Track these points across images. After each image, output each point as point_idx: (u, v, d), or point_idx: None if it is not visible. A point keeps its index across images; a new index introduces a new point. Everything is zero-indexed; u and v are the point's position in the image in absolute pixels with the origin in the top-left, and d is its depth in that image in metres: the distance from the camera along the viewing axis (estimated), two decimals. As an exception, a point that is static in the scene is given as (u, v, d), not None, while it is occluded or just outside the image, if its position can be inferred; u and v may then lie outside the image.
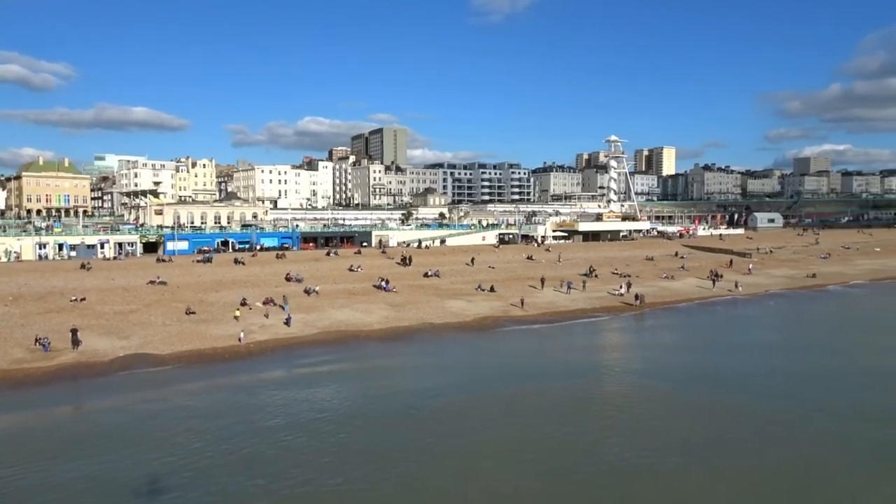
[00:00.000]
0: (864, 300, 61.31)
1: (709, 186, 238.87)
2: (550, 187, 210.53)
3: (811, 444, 23.47)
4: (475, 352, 39.54)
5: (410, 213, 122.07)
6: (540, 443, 23.69)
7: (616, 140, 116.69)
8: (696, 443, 23.52)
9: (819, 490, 19.88)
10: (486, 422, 26.06)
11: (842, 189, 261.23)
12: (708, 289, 61.32)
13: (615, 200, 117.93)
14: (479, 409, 27.77)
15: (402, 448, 23.23)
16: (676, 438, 23.96)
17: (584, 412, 27.25)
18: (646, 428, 25.18)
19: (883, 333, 45.09)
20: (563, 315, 49.83)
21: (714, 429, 25.06)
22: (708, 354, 38.82)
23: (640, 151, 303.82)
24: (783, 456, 22.17)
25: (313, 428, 25.19)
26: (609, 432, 24.78)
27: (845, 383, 31.35)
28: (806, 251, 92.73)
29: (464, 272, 64.29)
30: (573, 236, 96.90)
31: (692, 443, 23.51)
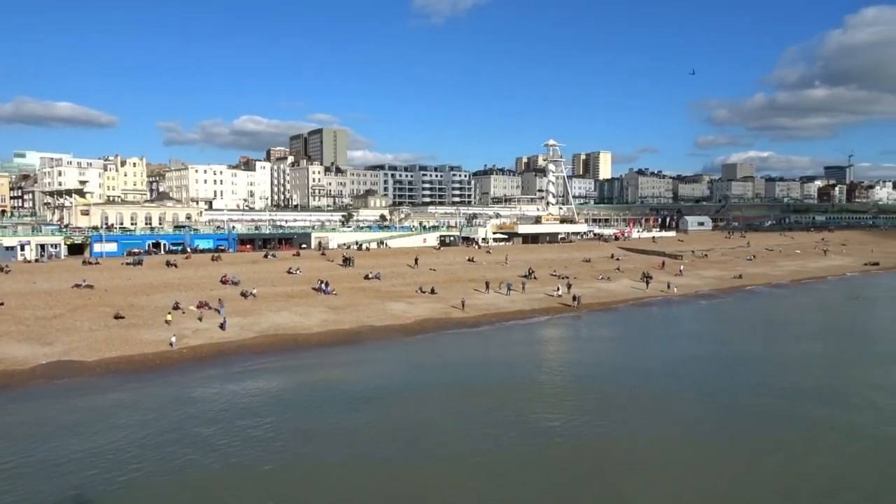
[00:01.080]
0: (785, 300, 64.51)
1: (643, 190, 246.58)
2: (491, 190, 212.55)
3: (727, 419, 24.57)
4: (415, 354, 39.44)
5: (351, 215, 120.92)
6: (480, 443, 23.82)
7: (554, 144, 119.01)
8: (630, 431, 24.22)
9: (719, 447, 20.90)
10: (423, 423, 26.02)
11: (765, 194, 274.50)
12: (642, 290, 63.19)
13: (554, 203, 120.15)
14: (417, 411, 27.73)
15: (340, 455, 22.93)
16: (616, 434, 24.60)
17: (524, 411, 27.55)
18: (586, 422, 25.73)
19: (797, 329, 47.65)
20: (504, 316, 50.33)
21: (639, 411, 25.93)
22: (641, 352, 39.98)
23: (577, 156, 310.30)
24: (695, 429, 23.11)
25: (248, 436, 24.54)
26: (549, 429, 25.17)
27: (757, 370, 33.09)
28: (733, 253, 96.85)
29: (405, 274, 64.11)
30: (513, 238, 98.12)
31: (626, 434, 24.19)
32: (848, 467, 22.01)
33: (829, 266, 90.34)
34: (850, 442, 24.11)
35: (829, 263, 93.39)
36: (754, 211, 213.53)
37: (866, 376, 33.88)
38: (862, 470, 21.81)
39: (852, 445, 23.80)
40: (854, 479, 21.08)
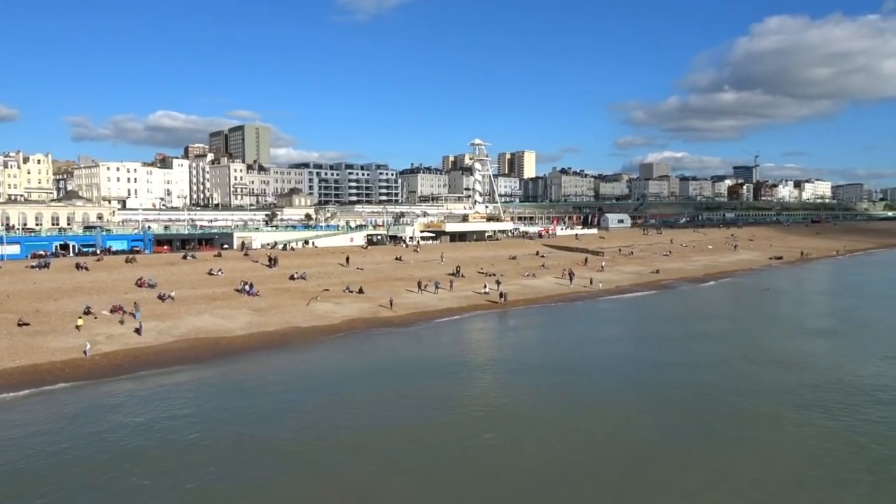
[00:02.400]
0: (700, 292, 67.80)
1: (566, 189, 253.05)
2: (418, 188, 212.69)
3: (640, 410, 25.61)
4: (343, 355, 38.94)
5: (275, 214, 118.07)
6: (406, 442, 23.77)
7: (480, 143, 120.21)
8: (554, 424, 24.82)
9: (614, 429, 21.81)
10: (349, 426, 25.72)
11: (680, 192, 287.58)
12: (567, 286, 64.82)
13: (480, 202, 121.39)
14: (345, 414, 27.37)
15: (268, 464, 22.32)
16: (545, 429, 25.11)
17: (453, 409, 27.70)
18: (510, 419, 26.13)
19: (712, 319, 50.20)
20: (432, 314, 50.45)
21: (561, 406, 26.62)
22: (566, 347, 41.02)
23: (503, 155, 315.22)
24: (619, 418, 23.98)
25: (169, 449, 23.52)
26: (474, 424, 25.39)
27: (679, 359, 34.52)
28: (651, 249, 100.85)
29: (331, 274, 63.16)
30: (441, 237, 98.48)
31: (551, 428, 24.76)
32: (774, 451, 23.29)
33: (738, 260, 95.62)
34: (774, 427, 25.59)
35: (738, 258, 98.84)
36: (670, 209, 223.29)
37: (777, 360, 36.03)
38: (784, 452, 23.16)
39: (777, 431, 25.25)
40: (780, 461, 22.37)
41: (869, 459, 22.01)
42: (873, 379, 32.28)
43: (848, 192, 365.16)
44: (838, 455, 22.45)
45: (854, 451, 22.69)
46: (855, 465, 21.59)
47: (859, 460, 21.92)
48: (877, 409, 27.36)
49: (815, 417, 26.28)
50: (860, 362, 36.11)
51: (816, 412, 26.89)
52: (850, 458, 22.12)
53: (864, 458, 22.14)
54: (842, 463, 21.75)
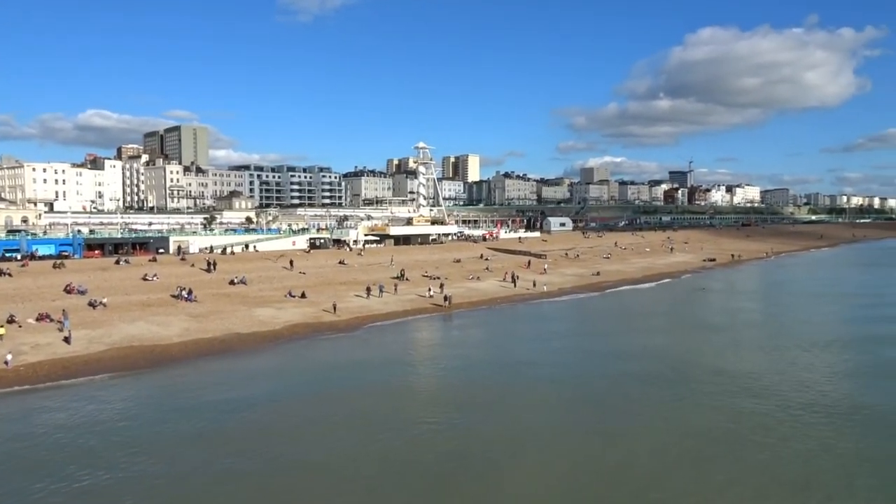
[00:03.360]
0: (639, 293, 69.68)
1: (509, 192, 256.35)
2: (362, 192, 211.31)
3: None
4: (285, 361, 38.17)
5: (214, 218, 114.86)
6: (351, 448, 23.48)
7: (424, 147, 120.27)
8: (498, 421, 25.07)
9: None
10: (292, 435, 25.24)
11: (619, 196, 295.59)
12: (510, 288, 65.51)
13: (425, 205, 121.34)
14: (287, 420, 26.85)
15: (198, 475, 21.65)
16: (487, 427, 25.27)
17: (398, 412, 27.52)
18: (457, 422, 26.16)
19: (652, 318, 51.71)
20: (376, 318, 50.10)
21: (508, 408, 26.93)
22: (509, 348, 41.36)
23: (447, 158, 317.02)
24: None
25: (100, 464, 22.48)
26: (418, 428, 25.32)
27: (619, 358, 35.43)
28: (591, 251, 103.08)
29: (273, 279, 61.91)
30: (385, 240, 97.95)
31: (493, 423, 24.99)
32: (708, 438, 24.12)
33: (674, 262, 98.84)
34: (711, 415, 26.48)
35: (674, 260, 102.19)
36: (610, 212, 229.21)
37: (712, 356, 37.37)
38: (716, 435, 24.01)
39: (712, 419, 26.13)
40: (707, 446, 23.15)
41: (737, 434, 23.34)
42: (774, 365, 33.96)
43: (775, 197, 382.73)
44: (739, 432, 24.17)
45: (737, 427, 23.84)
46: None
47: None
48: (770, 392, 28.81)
49: (718, 400, 27.45)
50: (767, 351, 37.89)
51: (723, 396, 28.08)
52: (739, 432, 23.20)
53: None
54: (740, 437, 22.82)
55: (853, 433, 24.91)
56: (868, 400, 29.36)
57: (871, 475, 21.19)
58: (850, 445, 23.67)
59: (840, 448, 23.38)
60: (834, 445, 23.59)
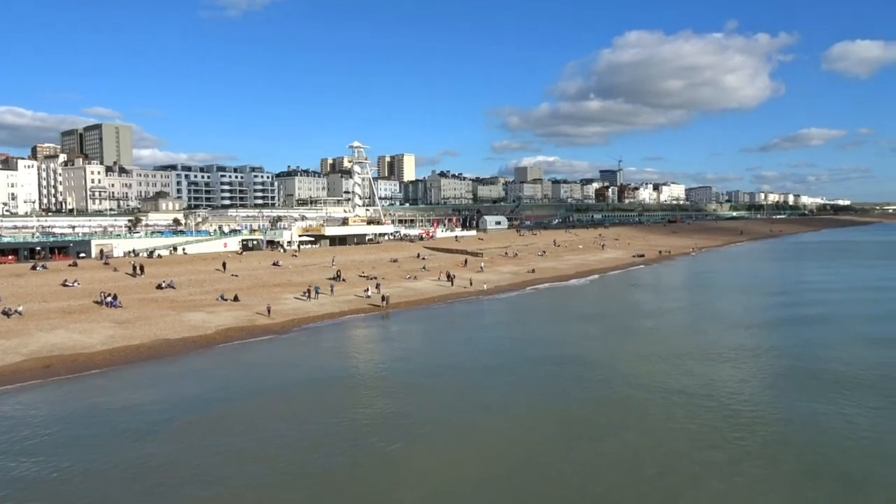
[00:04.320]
0: (574, 289, 71.24)
1: (445, 192, 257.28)
2: (296, 192, 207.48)
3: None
4: (217, 366, 37.01)
5: (139, 220, 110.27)
6: (287, 453, 23.02)
7: (359, 146, 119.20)
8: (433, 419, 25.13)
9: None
10: (224, 442, 24.54)
11: (552, 195, 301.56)
12: (447, 287, 65.78)
13: (360, 205, 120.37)
14: (218, 427, 26.07)
15: (118, 485, 20.76)
16: (428, 425, 25.29)
17: (336, 413, 27.16)
18: (393, 415, 26.06)
19: (587, 314, 53.02)
20: (312, 320, 49.34)
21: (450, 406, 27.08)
22: (447, 346, 41.53)
23: (382, 158, 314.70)
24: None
25: (17, 484, 21.22)
26: (356, 427, 25.09)
27: (554, 351, 36.14)
28: (527, 249, 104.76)
29: (204, 282, 60.02)
30: (320, 241, 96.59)
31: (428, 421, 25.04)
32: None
33: (606, 259, 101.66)
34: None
35: (606, 256, 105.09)
36: (544, 210, 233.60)
37: (645, 349, 38.63)
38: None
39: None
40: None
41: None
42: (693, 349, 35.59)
43: (699, 195, 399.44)
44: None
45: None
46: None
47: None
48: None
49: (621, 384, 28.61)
50: (688, 339, 39.67)
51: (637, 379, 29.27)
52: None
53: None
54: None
55: (741, 411, 26.32)
56: (754, 373, 31.40)
57: (717, 448, 22.36)
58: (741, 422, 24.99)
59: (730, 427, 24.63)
60: (723, 427, 24.82)
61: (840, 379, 31.46)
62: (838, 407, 27.18)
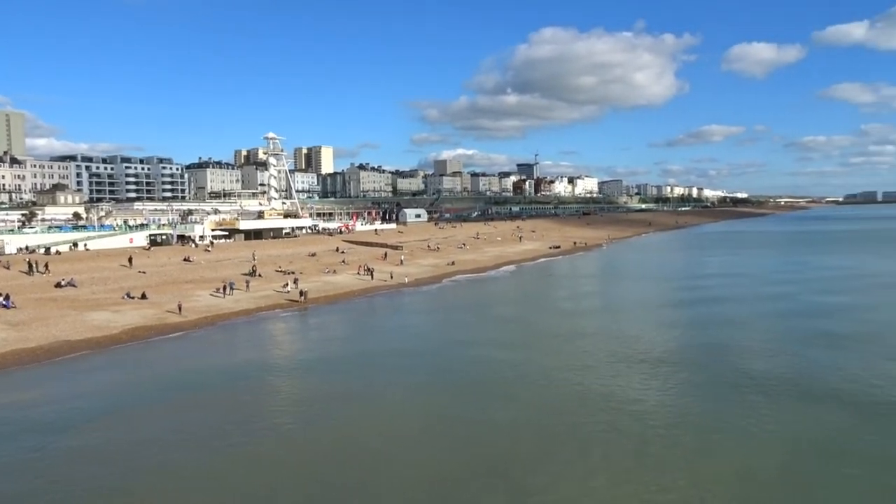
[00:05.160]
0: (493, 280, 72.38)
1: (364, 184, 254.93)
2: (208, 184, 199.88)
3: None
4: (123, 366, 35.10)
5: (35, 214, 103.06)
6: (203, 455, 22.20)
7: (274, 137, 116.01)
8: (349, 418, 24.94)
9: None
10: (129, 446, 23.38)
11: (471, 188, 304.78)
12: (367, 281, 65.25)
13: (276, 198, 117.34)
14: (122, 429, 24.78)
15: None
16: (347, 422, 24.99)
17: (250, 412, 26.40)
18: (308, 418, 25.63)
19: (507, 303, 54.02)
20: (227, 317, 47.74)
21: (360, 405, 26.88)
22: (367, 341, 41.13)
23: (299, 150, 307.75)
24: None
25: None
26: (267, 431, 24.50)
27: (477, 342, 36.62)
28: (447, 242, 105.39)
29: (108, 279, 56.77)
30: (234, 235, 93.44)
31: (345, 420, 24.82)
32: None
33: (524, 250, 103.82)
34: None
35: (524, 248, 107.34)
36: (463, 203, 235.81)
37: (552, 333, 39.75)
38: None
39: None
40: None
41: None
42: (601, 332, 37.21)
43: (611, 188, 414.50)
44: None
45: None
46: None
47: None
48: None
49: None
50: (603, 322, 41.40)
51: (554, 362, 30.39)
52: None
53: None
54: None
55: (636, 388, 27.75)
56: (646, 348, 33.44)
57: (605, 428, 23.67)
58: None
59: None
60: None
61: (731, 345, 34.55)
62: (728, 364, 30.90)
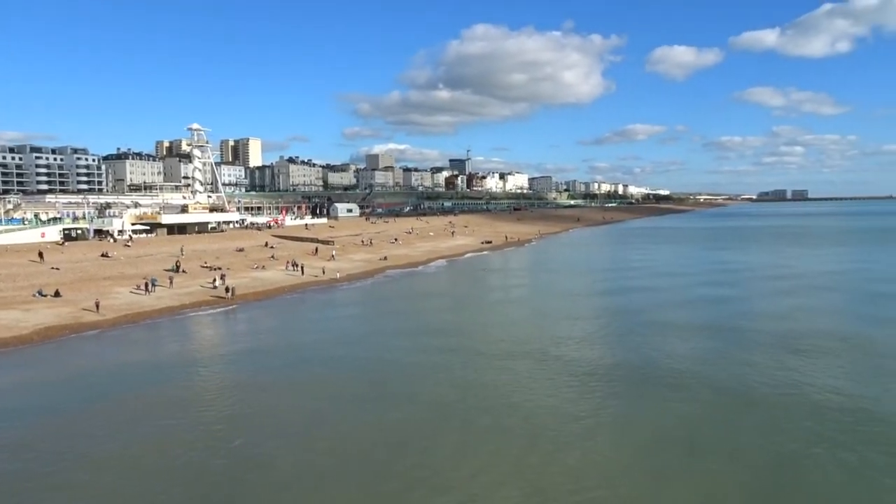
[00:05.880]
0: (425, 276, 72.44)
1: (294, 178, 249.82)
2: (127, 177, 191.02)
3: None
4: (31, 370, 32.99)
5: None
6: (125, 458, 21.17)
7: (199, 128, 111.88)
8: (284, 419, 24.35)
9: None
10: (44, 456, 22.07)
11: (404, 183, 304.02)
12: (298, 276, 63.97)
13: (202, 191, 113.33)
14: (34, 437, 23.37)
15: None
16: (270, 419, 24.39)
17: (175, 415, 25.37)
18: (240, 415, 24.88)
19: (438, 298, 54.09)
20: (149, 315, 45.72)
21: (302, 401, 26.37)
22: (297, 338, 40.19)
23: (226, 142, 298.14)
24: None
25: None
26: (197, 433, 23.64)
27: (411, 339, 36.55)
28: (379, 237, 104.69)
29: (17, 276, 53.30)
30: (156, 229, 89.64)
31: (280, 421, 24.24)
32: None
33: (456, 245, 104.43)
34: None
35: (456, 243, 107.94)
36: (395, 198, 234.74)
37: (485, 323, 40.16)
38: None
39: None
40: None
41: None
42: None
43: (541, 184, 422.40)
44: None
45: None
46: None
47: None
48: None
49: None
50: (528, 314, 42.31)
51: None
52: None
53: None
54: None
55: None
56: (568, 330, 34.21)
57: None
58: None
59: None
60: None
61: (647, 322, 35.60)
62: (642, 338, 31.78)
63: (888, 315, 44.56)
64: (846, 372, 30.37)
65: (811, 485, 19.20)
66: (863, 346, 35.32)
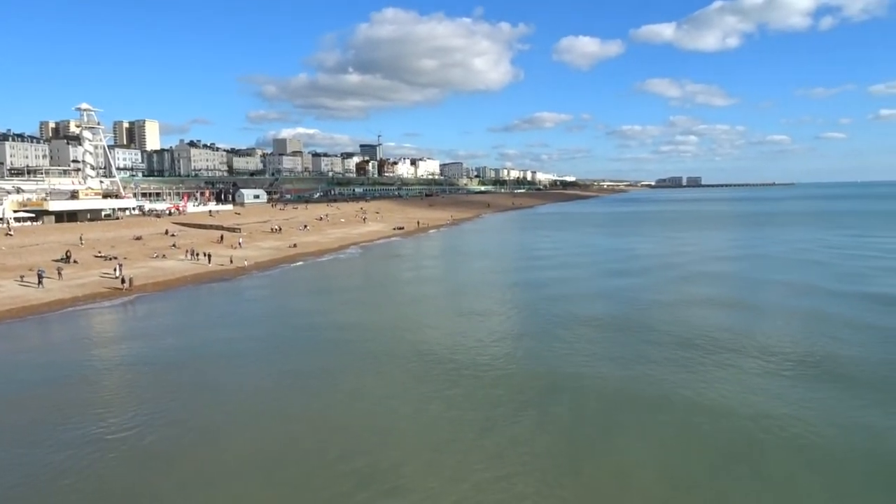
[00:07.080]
0: (338, 263, 71.25)
1: (196, 163, 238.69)
2: (7, 160, 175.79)
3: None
4: None
5: None
6: (21, 461, 19.50)
7: (89, 109, 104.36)
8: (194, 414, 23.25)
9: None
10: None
11: (313, 168, 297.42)
12: (203, 265, 61.26)
13: (94, 176, 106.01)
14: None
15: None
16: (183, 418, 23.19)
17: (69, 417, 23.64)
18: (138, 411, 23.51)
19: (351, 287, 53.33)
20: (36, 310, 42.40)
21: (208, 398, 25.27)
22: (201, 331, 38.48)
23: (119, 123, 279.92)
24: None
25: None
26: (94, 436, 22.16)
27: (328, 328, 35.83)
28: (288, 223, 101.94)
29: None
30: (43, 217, 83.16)
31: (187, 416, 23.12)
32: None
33: (368, 232, 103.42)
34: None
35: (368, 230, 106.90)
36: (305, 184, 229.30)
37: (398, 314, 40.00)
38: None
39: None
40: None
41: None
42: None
43: (452, 170, 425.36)
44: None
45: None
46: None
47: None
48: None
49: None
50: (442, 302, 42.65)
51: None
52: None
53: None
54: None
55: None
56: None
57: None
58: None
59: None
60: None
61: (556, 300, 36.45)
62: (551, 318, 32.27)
63: (771, 301, 48.07)
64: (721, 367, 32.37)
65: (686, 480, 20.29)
66: (752, 342, 37.82)
